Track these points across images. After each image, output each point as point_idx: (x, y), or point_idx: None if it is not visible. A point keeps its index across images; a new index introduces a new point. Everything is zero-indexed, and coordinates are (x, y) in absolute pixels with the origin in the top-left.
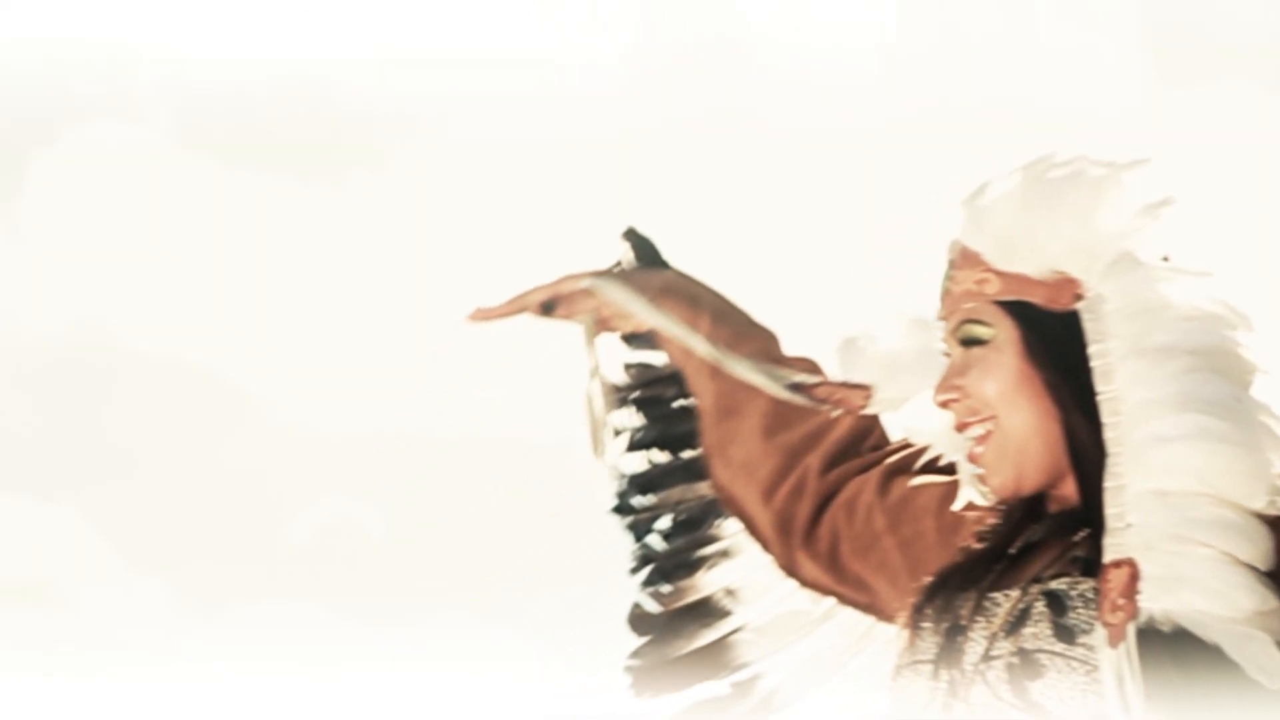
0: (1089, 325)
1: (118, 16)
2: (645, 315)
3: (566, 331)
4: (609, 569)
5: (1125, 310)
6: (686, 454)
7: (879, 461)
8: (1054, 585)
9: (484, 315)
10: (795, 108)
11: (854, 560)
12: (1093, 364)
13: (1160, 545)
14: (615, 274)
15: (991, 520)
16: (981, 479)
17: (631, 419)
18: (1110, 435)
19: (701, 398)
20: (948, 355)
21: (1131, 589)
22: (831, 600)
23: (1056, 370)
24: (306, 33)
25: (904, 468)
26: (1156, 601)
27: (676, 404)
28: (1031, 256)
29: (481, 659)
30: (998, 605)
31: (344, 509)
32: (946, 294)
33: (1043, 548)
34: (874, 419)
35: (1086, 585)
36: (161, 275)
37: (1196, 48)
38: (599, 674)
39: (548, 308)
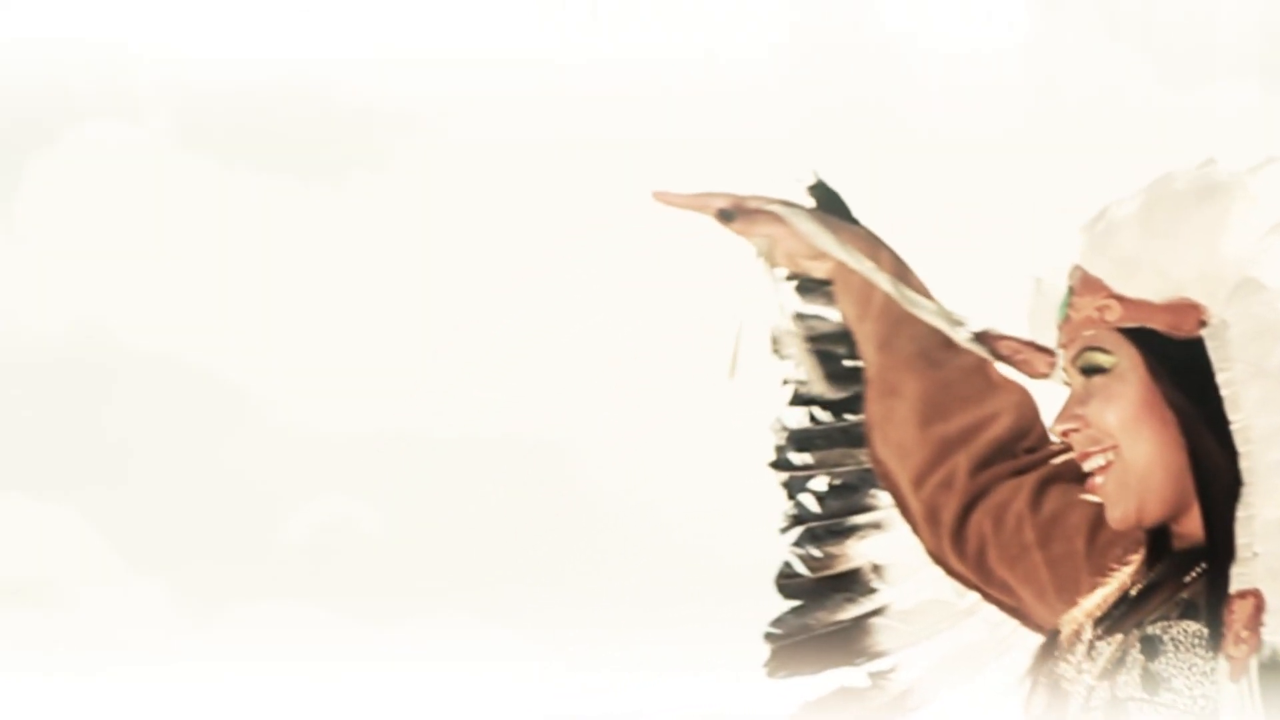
0: (1214, 352)
1: (118, 16)
2: (831, 248)
3: (566, 332)
4: (609, 568)
5: (1248, 333)
6: (850, 417)
7: (1033, 466)
8: (1150, 629)
9: (667, 199)
10: (808, 110)
11: (1001, 567)
12: (1221, 392)
13: None
14: (806, 208)
15: (1128, 558)
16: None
17: (798, 371)
18: (1244, 465)
19: (867, 367)
20: (1068, 384)
21: (1256, 621)
22: (976, 595)
23: (1184, 398)
24: (306, 33)
25: (1059, 476)
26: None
27: (847, 363)
28: (1154, 280)
29: (481, 659)
30: (1100, 654)
31: (343, 509)
32: (1066, 321)
33: (1158, 589)
34: (1035, 417)
35: (1179, 628)
36: (161, 275)
37: None
38: (599, 674)
39: (727, 215)
